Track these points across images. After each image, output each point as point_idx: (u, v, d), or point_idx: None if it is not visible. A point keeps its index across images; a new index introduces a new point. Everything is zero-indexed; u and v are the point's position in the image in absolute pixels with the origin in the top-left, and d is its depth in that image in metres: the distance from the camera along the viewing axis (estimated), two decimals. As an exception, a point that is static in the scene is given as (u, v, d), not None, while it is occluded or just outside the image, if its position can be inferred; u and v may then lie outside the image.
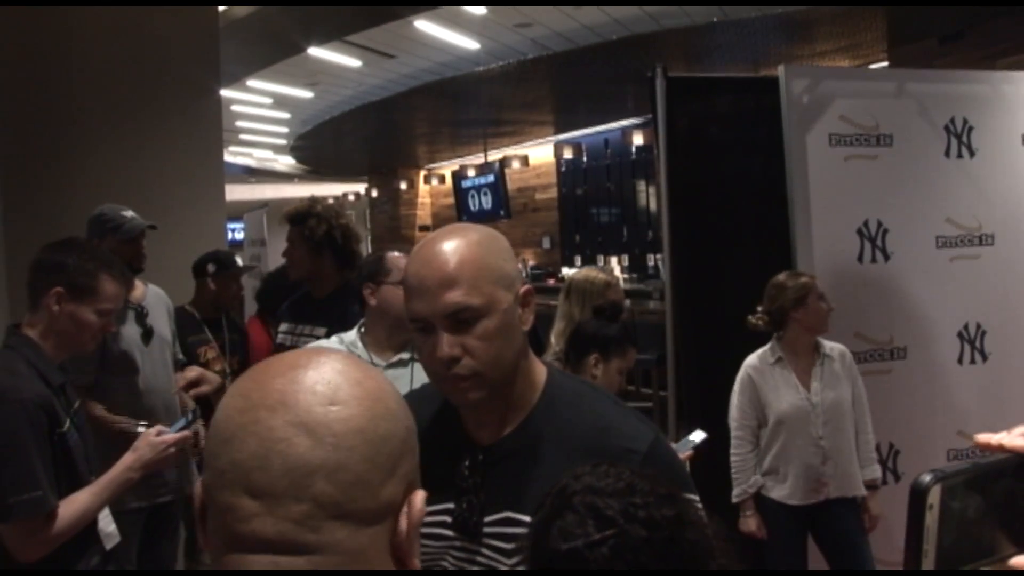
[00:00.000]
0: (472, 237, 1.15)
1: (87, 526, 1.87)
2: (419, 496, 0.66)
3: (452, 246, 1.12)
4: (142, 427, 2.73)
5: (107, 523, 1.98)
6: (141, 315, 2.92)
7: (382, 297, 2.19)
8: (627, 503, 0.88)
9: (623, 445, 1.12)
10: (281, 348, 2.94)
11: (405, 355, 2.20)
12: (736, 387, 2.97)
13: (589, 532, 0.87)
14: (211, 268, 3.50)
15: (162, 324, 3.03)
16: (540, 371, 1.22)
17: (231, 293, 3.57)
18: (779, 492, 2.88)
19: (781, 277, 2.95)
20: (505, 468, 1.15)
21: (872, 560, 2.90)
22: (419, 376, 2.14)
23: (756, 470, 2.92)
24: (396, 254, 2.25)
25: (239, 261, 3.61)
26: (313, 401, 0.61)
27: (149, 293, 3.04)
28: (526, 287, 1.19)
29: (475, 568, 1.16)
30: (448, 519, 1.17)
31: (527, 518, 1.11)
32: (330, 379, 0.63)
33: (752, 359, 2.97)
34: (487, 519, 1.15)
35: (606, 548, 0.86)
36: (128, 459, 1.94)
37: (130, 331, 2.87)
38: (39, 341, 1.90)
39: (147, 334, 2.91)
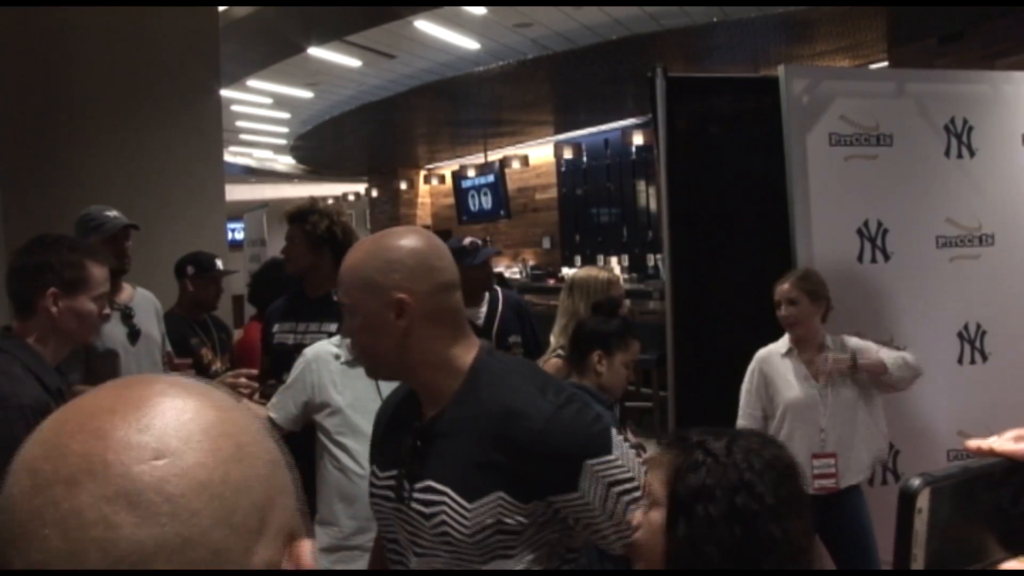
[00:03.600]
0: (366, 246, 1.37)
1: None
2: (306, 548, 0.51)
3: (350, 252, 1.38)
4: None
5: None
6: (127, 316, 2.94)
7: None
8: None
9: (522, 425, 1.27)
10: (281, 347, 2.93)
11: None
12: (745, 379, 3.03)
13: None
14: (190, 270, 3.47)
15: (151, 325, 3.04)
16: (464, 360, 1.36)
17: (209, 295, 3.52)
18: None
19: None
20: (433, 444, 1.35)
21: (879, 561, 2.90)
22: None
23: None
24: None
25: (219, 264, 3.57)
26: (131, 458, 0.45)
27: (137, 295, 3.05)
28: (399, 297, 1.32)
29: (407, 528, 1.35)
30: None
31: (444, 487, 1.31)
32: (151, 421, 0.46)
33: (762, 352, 3.02)
34: (415, 486, 1.34)
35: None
36: None
37: (116, 331, 2.89)
38: (36, 345, 1.86)
39: (133, 334, 2.93)
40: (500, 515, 1.27)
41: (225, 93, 6.67)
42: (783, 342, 3.00)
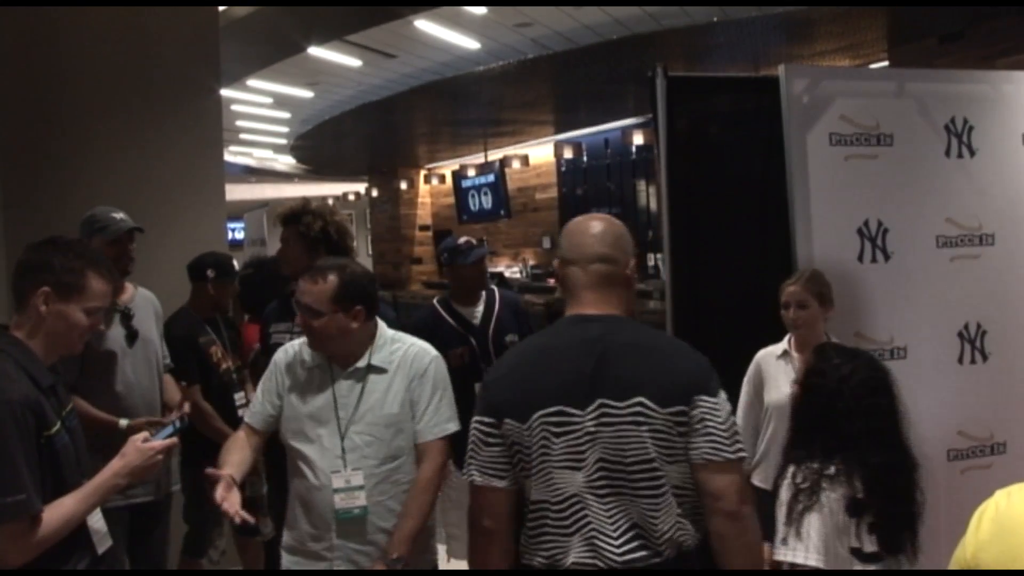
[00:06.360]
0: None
1: (75, 529, 1.83)
2: None
3: None
4: (124, 422, 2.75)
5: (101, 524, 1.95)
6: (127, 317, 2.95)
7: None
8: None
9: None
10: (278, 347, 2.94)
11: (361, 364, 2.21)
12: (747, 374, 3.06)
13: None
14: (211, 273, 3.50)
15: (149, 327, 3.05)
16: None
17: (228, 298, 3.60)
18: (760, 479, 2.92)
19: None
20: None
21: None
22: (371, 387, 2.18)
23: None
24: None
25: (235, 265, 3.63)
26: None
27: (137, 296, 3.06)
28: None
29: None
30: None
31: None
32: None
33: (763, 351, 3.03)
34: None
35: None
36: (116, 465, 1.90)
37: (114, 332, 2.91)
38: (27, 342, 1.86)
39: (131, 336, 2.94)
40: None
41: (225, 93, 6.66)
42: (783, 343, 3.00)
